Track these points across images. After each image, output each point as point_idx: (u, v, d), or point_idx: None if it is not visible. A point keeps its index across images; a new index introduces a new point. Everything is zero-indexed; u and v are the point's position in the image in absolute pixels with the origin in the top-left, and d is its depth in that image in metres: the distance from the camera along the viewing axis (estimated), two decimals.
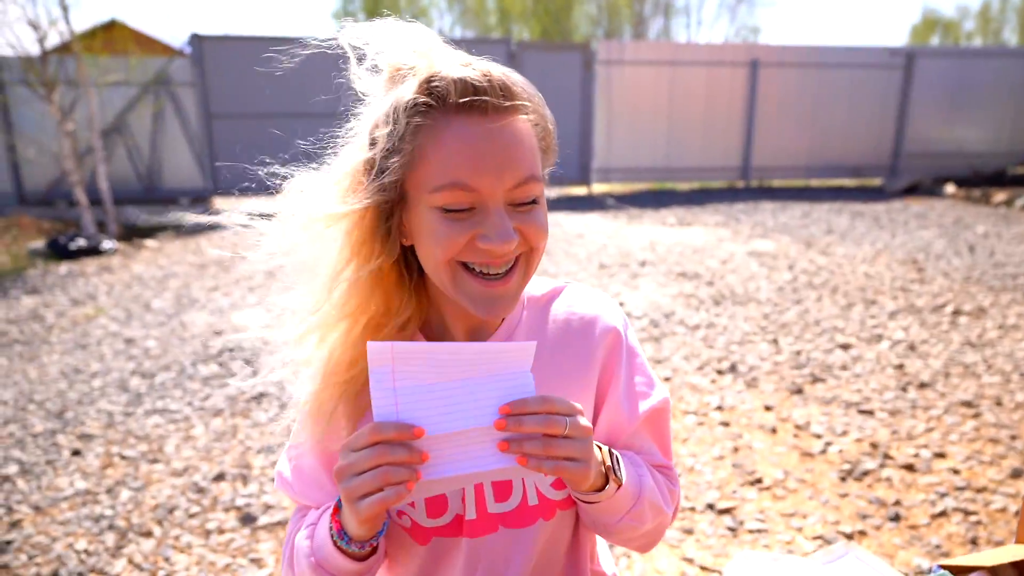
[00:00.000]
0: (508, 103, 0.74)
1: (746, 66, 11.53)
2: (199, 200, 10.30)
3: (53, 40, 8.06)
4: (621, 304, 5.04)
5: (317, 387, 0.86)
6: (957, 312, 4.80)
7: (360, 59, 0.79)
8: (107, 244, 7.50)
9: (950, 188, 10.85)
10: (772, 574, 1.44)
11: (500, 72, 0.75)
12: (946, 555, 2.33)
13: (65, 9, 7.89)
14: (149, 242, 7.95)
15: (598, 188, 11.76)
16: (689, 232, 7.93)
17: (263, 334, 0.92)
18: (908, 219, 8.65)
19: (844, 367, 3.88)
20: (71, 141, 8.08)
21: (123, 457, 3.08)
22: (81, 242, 7.38)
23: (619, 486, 0.81)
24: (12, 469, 3.01)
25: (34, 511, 2.70)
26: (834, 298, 5.17)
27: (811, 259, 6.42)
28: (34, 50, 8.00)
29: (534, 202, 0.77)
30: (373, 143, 0.75)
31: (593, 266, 6.27)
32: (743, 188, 11.80)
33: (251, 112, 10.23)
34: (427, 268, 0.80)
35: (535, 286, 0.94)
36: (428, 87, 0.73)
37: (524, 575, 0.91)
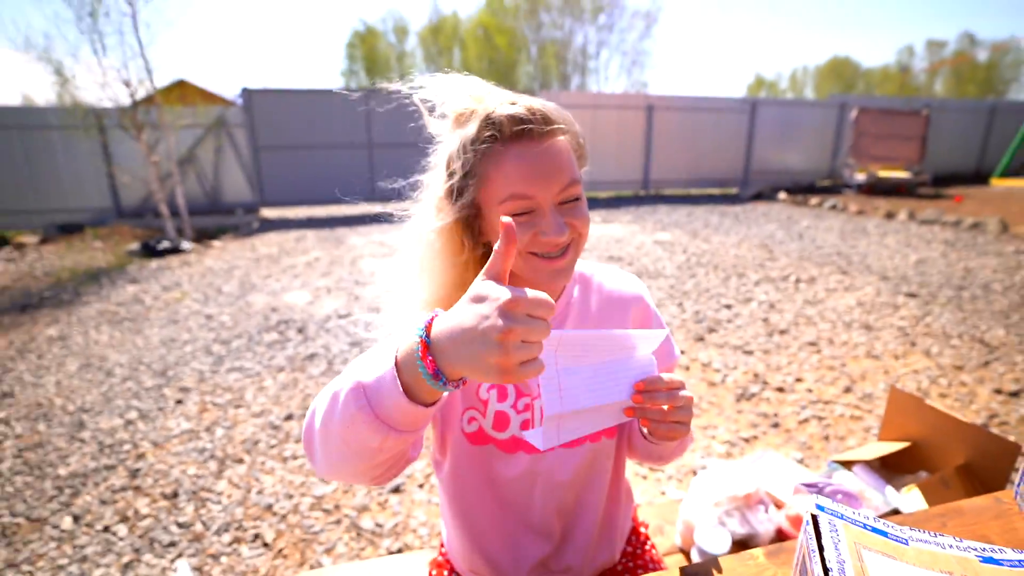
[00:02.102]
0: (548, 128, 0.70)
1: (645, 109, 11.52)
2: (250, 210, 9.85)
3: (140, 94, 7.53)
4: None
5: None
6: (798, 280, 4.91)
7: (430, 110, 0.74)
8: (185, 245, 7.11)
9: (782, 195, 11.11)
10: (722, 474, 1.43)
11: (540, 104, 0.71)
12: (810, 448, 2.37)
13: (150, 72, 7.38)
14: (215, 243, 7.57)
15: None
16: (611, 228, 7.93)
17: (385, 307, 0.80)
18: (757, 217, 8.82)
19: (729, 321, 3.93)
20: (156, 169, 7.61)
21: (215, 404, 2.93)
22: (166, 244, 6.98)
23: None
24: (133, 415, 2.83)
25: (153, 446, 2.54)
26: (716, 273, 5.24)
27: (697, 245, 6.49)
28: (126, 102, 7.47)
29: (577, 199, 0.73)
30: (451, 173, 0.71)
31: None
32: (645, 195, 11.86)
33: (287, 144, 9.81)
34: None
35: (583, 266, 0.90)
36: (487, 124, 0.69)
37: (576, 484, 0.86)
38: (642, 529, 1.03)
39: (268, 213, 10.30)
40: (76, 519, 2.08)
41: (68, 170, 8.79)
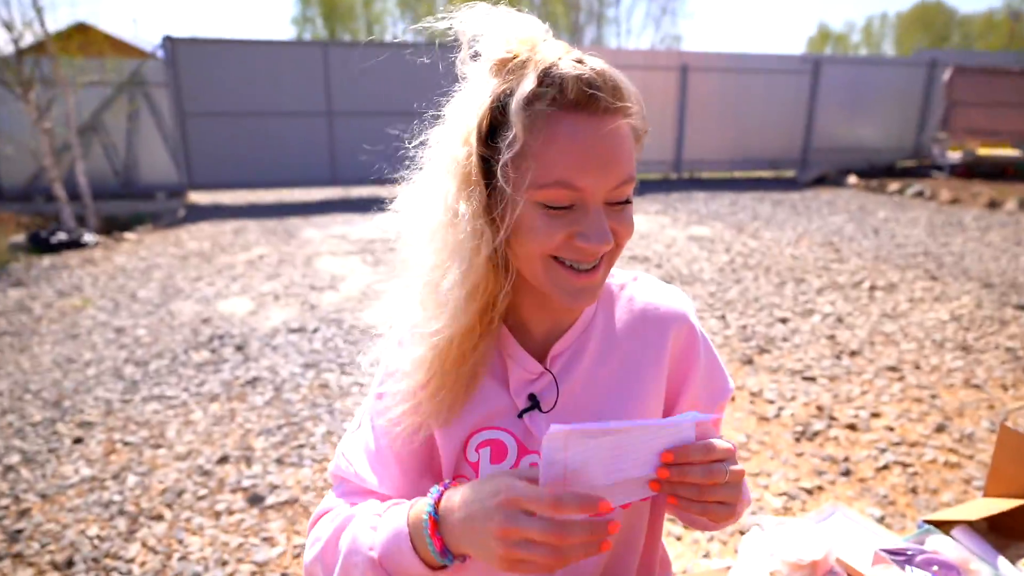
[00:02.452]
0: (618, 104, 0.67)
1: (677, 70, 11.59)
2: (175, 194, 9.82)
3: (27, 41, 7.51)
4: None
5: (426, 374, 0.75)
6: (873, 287, 4.93)
7: (468, 45, 0.70)
8: (88, 237, 7.07)
9: (852, 179, 11.19)
10: (779, 535, 1.42)
11: (611, 72, 0.68)
12: (892, 504, 2.37)
13: (39, 11, 7.36)
14: (129, 235, 7.54)
15: None
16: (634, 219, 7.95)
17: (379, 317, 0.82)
18: (820, 206, 8.87)
19: (785, 339, 3.94)
20: (48, 139, 7.57)
21: (125, 443, 2.89)
22: (62, 236, 6.94)
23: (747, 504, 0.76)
24: (15, 458, 2.79)
25: (41, 499, 2.50)
26: (768, 277, 5.25)
27: (744, 243, 6.51)
28: (8, 50, 7.44)
29: (627, 202, 0.71)
30: (486, 134, 0.67)
31: None
32: (676, 179, 11.92)
33: (224, 111, 9.79)
34: (518, 258, 0.72)
35: (611, 277, 0.87)
36: (547, 81, 0.65)
37: (601, 561, 0.85)
38: None
39: (198, 198, 10.27)
40: None
41: None
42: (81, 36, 9.44)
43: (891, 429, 2.87)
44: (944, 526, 1.49)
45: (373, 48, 11.41)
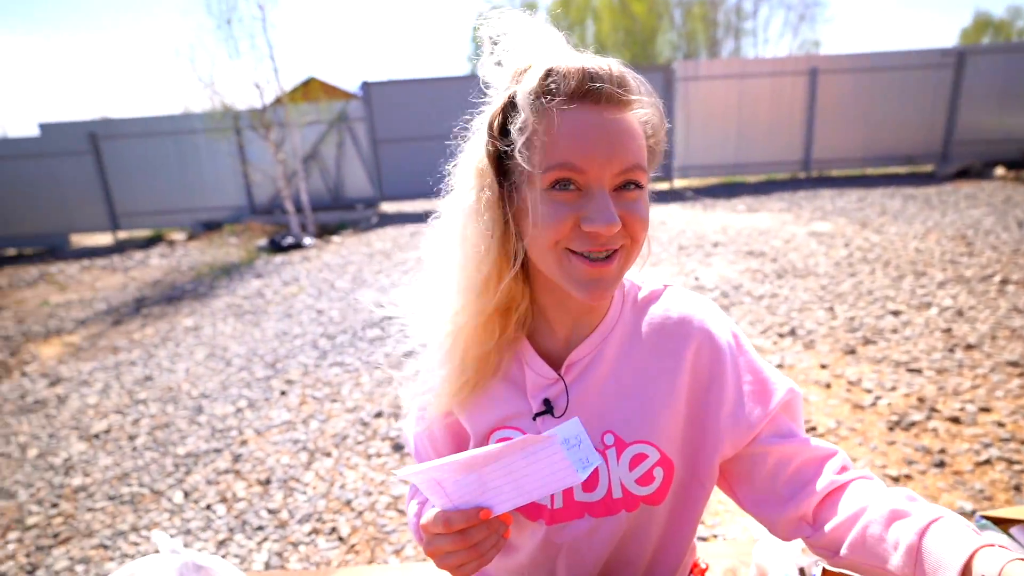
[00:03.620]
0: (623, 95, 0.63)
1: (806, 74, 10.51)
2: (371, 205, 10.77)
3: (269, 95, 8.67)
4: (696, 280, 4.77)
5: (452, 368, 0.75)
6: (1005, 281, 4.17)
7: (492, 51, 0.68)
8: (307, 240, 8.01)
9: (1000, 171, 9.44)
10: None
11: (619, 68, 0.65)
12: (989, 499, 2.02)
13: (276, 72, 8.46)
14: (335, 238, 8.41)
15: (678, 183, 11.21)
16: (756, 217, 7.39)
17: (398, 312, 0.82)
18: (958, 200, 7.62)
19: (895, 331, 3.48)
20: (282, 167, 8.68)
21: (314, 397, 3.28)
22: (290, 240, 7.92)
23: None
24: (243, 403, 3.28)
25: (256, 433, 2.93)
26: (886, 271, 4.64)
27: (866, 237, 5.80)
28: (257, 103, 8.64)
29: (638, 187, 0.65)
30: (498, 133, 0.66)
31: (673, 247, 5.99)
32: (804, 178, 10.84)
33: (406, 136, 10.56)
34: (535, 253, 0.68)
35: (638, 288, 0.79)
36: (549, 77, 0.63)
37: (604, 556, 0.77)
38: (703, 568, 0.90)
39: (387, 208, 11.19)
40: (186, 495, 2.48)
41: (211, 171, 10.38)
42: (306, 88, 10.65)
43: (1001, 425, 2.44)
44: (1004, 524, 1.27)
45: None
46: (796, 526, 0.69)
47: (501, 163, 0.66)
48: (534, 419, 0.75)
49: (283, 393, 3.37)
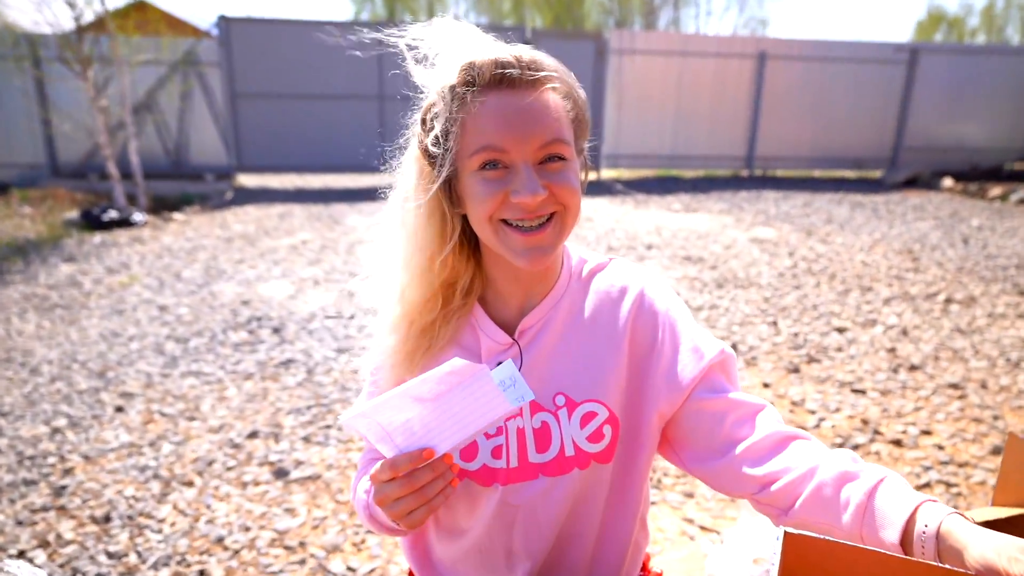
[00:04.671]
0: (534, 75, 0.83)
1: (754, 58, 11.48)
2: (224, 176, 10.39)
3: (87, 16, 8.14)
4: None
5: (400, 338, 0.97)
6: (949, 300, 4.87)
7: (415, 58, 0.89)
8: (138, 216, 7.61)
9: (947, 182, 10.84)
10: (768, 523, 1.55)
11: (530, 53, 0.85)
12: None
13: None
14: (177, 215, 8.06)
15: (607, 174, 11.79)
16: (694, 218, 7.98)
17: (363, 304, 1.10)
18: (906, 211, 8.67)
19: (839, 349, 3.97)
20: (104, 117, 8.17)
21: (163, 414, 3.20)
22: (113, 214, 7.49)
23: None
24: (62, 422, 3.14)
25: (84, 460, 2.83)
26: (832, 284, 5.24)
27: (811, 247, 6.48)
28: (69, 26, 8.07)
29: (561, 159, 0.85)
30: (429, 129, 0.87)
31: (601, 248, 6.35)
32: (747, 177, 11.80)
33: (275, 92, 10.29)
34: (476, 229, 0.90)
35: (584, 262, 1.02)
36: (466, 70, 0.83)
37: (560, 518, 0.97)
38: None
39: (246, 180, 10.84)
40: None
41: None
42: (139, 14, 10.10)
43: (941, 448, 2.90)
44: None
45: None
46: (739, 481, 0.88)
47: (433, 154, 0.86)
48: None
49: (119, 409, 3.25)
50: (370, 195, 9.55)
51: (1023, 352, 3.93)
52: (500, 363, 0.89)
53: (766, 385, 3.48)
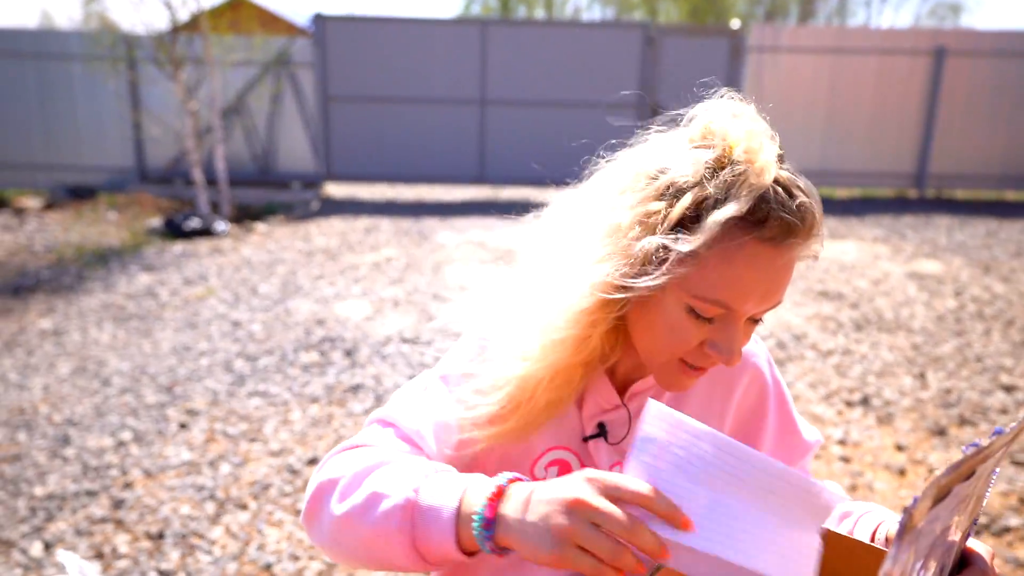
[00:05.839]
0: (805, 245, 0.83)
1: (929, 54, 11.05)
2: (311, 185, 11.11)
3: (182, 17, 9.01)
4: None
5: (511, 408, 0.92)
6: None
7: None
8: (220, 225, 8.31)
9: None
10: None
11: (813, 210, 0.82)
12: None
13: None
14: (260, 226, 8.72)
15: None
16: (841, 246, 7.77)
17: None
18: None
19: (1004, 410, 3.80)
20: (193, 120, 9.01)
21: (225, 434, 3.55)
22: (195, 222, 8.22)
23: None
24: (127, 435, 3.54)
25: (144, 475, 3.19)
26: (1007, 332, 5.00)
27: (986, 285, 6.18)
28: (163, 27, 9.00)
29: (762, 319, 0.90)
30: (664, 226, 0.82)
31: None
32: (916, 199, 11.32)
33: (369, 95, 10.94)
34: (643, 343, 0.91)
35: None
36: (753, 213, 0.79)
37: None
38: None
39: (334, 190, 11.55)
40: (47, 546, 2.73)
41: (86, 116, 10.68)
42: (233, 12, 11.04)
43: None
44: None
45: (538, 27, 12.14)
46: None
47: (661, 256, 0.82)
48: (584, 441, 1.01)
49: (183, 426, 3.63)
50: (465, 209, 9.93)
51: None
52: None
53: (900, 448, 3.40)
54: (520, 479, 0.77)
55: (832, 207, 10.45)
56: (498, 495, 0.74)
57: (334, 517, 0.82)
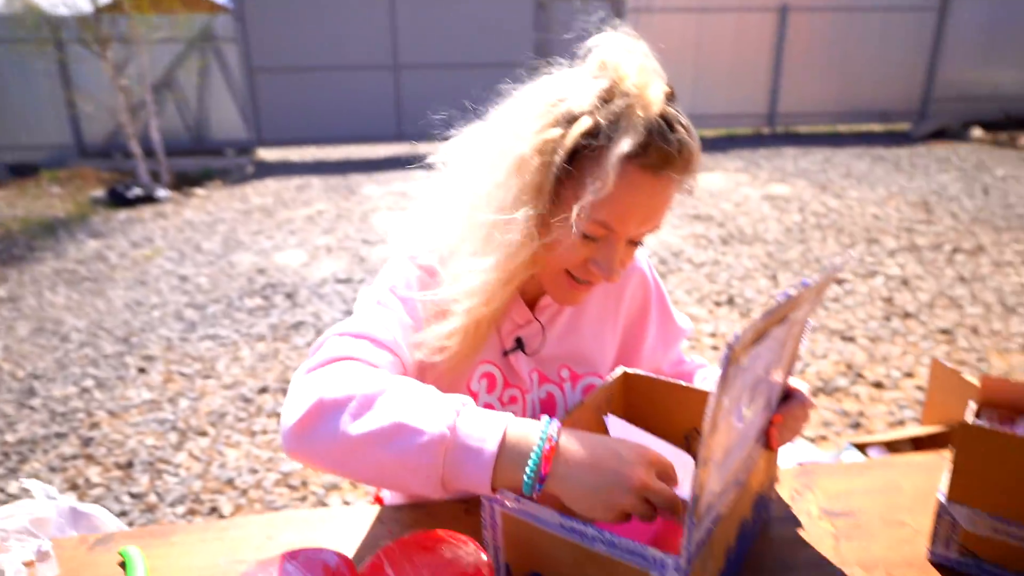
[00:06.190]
0: (680, 177, 0.83)
1: (775, 11, 11.29)
2: (244, 151, 10.63)
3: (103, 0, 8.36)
4: None
5: (455, 342, 0.89)
6: (956, 250, 4.89)
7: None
8: (161, 192, 7.90)
9: (977, 132, 10.61)
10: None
11: (691, 145, 0.83)
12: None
13: None
14: (198, 191, 8.33)
15: None
16: (710, 177, 7.99)
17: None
18: (929, 163, 8.56)
19: (836, 299, 4.05)
20: (125, 96, 8.44)
21: (181, 374, 3.46)
22: (137, 191, 7.79)
23: None
24: (89, 383, 3.41)
25: (109, 415, 3.09)
26: (838, 238, 5.29)
27: (823, 202, 6.49)
28: (87, 8, 8.32)
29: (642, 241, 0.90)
30: (564, 154, 0.80)
31: None
32: (768, 135, 11.69)
33: (291, 65, 10.47)
34: (536, 260, 0.88)
35: None
36: (636, 142, 0.78)
37: None
38: None
39: (266, 155, 11.08)
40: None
41: (21, 97, 9.85)
42: None
43: (920, 388, 3.01)
44: (865, 448, 1.74)
45: None
46: None
47: (567, 164, 0.80)
48: (505, 355, 1.01)
49: (142, 371, 3.51)
50: (386, 165, 9.73)
51: (1021, 298, 3.98)
52: None
53: None
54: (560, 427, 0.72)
55: (704, 144, 10.62)
56: (552, 452, 0.68)
57: (348, 437, 0.71)
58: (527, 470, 0.68)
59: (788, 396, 0.91)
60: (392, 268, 0.96)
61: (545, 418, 0.72)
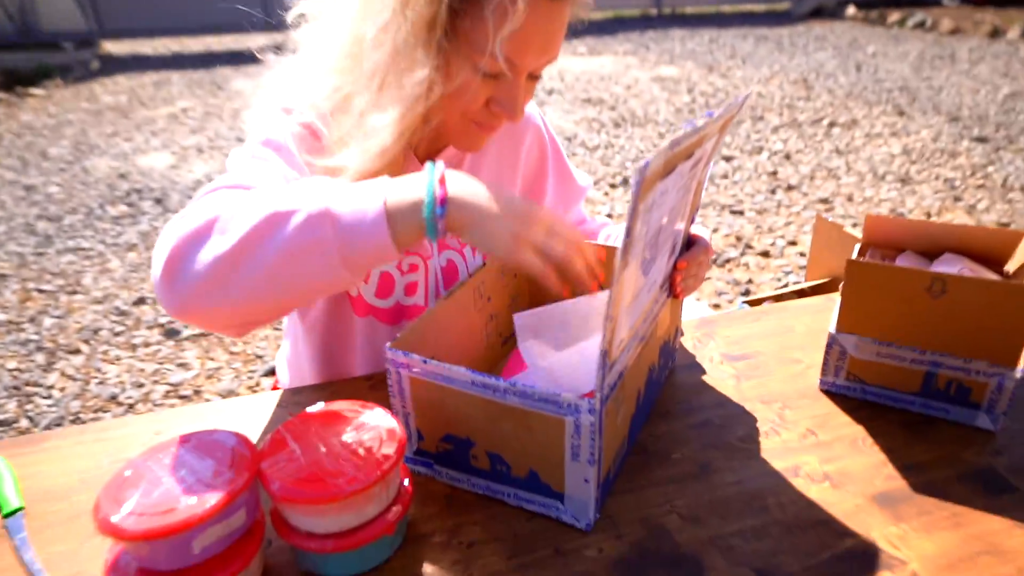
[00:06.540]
0: (575, 3, 0.78)
1: None
2: (85, 44, 9.53)
3: None
4: None
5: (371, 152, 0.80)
6: (832, 124, 5.15)
7: None
8: None
9: (851, 10, 11.01)
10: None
11: None
12: None
13: None
14: (35, 90, 7.45)
15: None
16: (599, 61, 7.93)
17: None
18: (808, 42, 8.84)
19: (725, 176, 4.20)
20: None
21: (41, 291, 3.18)
22: None
23: None
24: None
25: None
26: None
27: (711, 82, 6.61)
28: None
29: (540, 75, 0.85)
30: None
31: None
32: (656, 16, 11.65)
33: None
34: (435, 109, 0.81)
35: None
36: None
37: None
38: None
39: (113, 48, 9.97)
40: None
41: None
42: None
43: (803, 255, 3.21)
44: (757, 304, 1.85)
45: None
46: None
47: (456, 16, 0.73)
48: None
49: None
50: (257, 58, 9.02)
51: (890, 167, 4.27)
52: None
53: None
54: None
55: (590, 28, 10.53)
56: (443, 181, 0.66)
57: (219, 255, 0.63)
58: (424, 209, 0.64)
59: (691, 244, 0.92)
60: (265, 121, 0.86)
61: (429, 163, 0.69)
